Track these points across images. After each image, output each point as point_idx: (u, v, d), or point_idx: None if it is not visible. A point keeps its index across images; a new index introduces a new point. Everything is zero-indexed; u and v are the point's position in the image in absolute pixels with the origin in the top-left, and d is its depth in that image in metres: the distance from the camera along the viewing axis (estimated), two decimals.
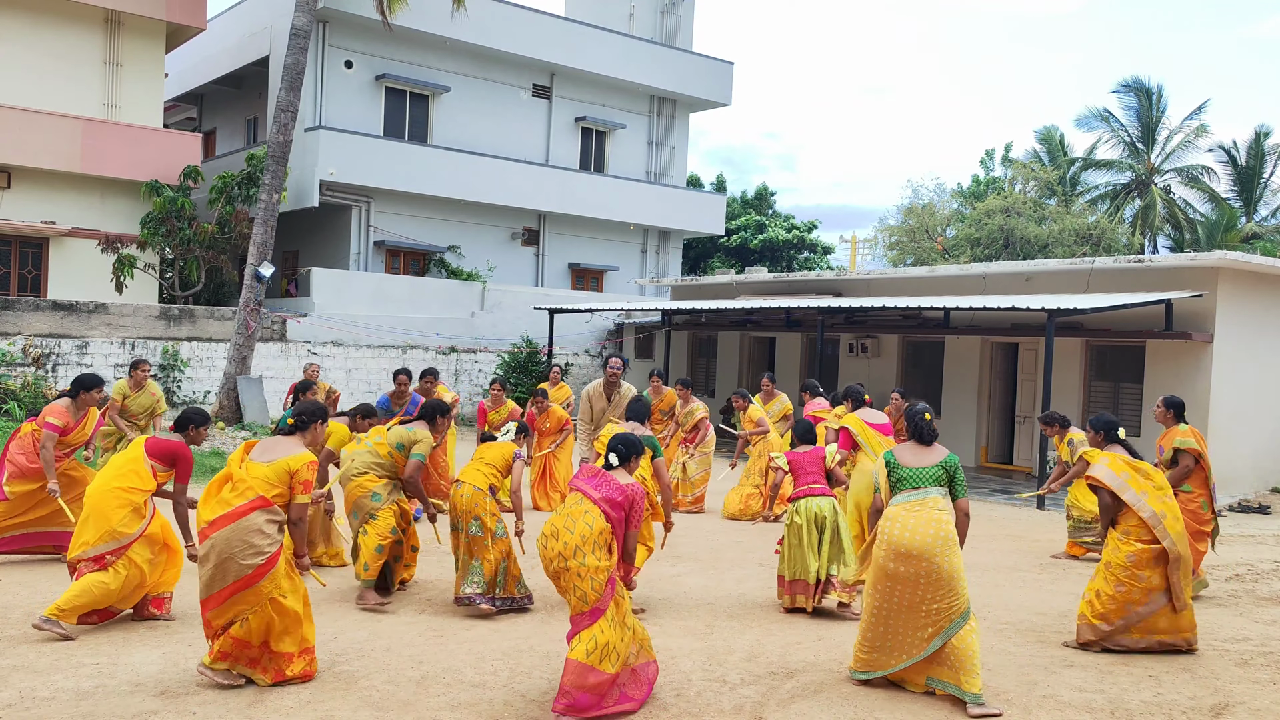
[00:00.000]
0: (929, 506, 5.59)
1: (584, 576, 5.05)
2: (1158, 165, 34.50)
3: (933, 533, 5.49)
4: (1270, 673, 6.26)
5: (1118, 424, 6.91)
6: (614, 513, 5.22)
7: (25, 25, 19.70)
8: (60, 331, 17.44)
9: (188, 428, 6.47)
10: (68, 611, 5.94)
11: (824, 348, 16.82)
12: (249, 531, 5.20)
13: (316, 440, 5.79)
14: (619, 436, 5.53)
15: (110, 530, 6.08)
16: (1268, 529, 12.12)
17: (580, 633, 5.05)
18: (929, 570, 5.45)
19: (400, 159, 22.90)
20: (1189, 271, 14.48)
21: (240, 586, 5.16)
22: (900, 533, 5.52)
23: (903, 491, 5.70)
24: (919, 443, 5.83)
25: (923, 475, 5.68)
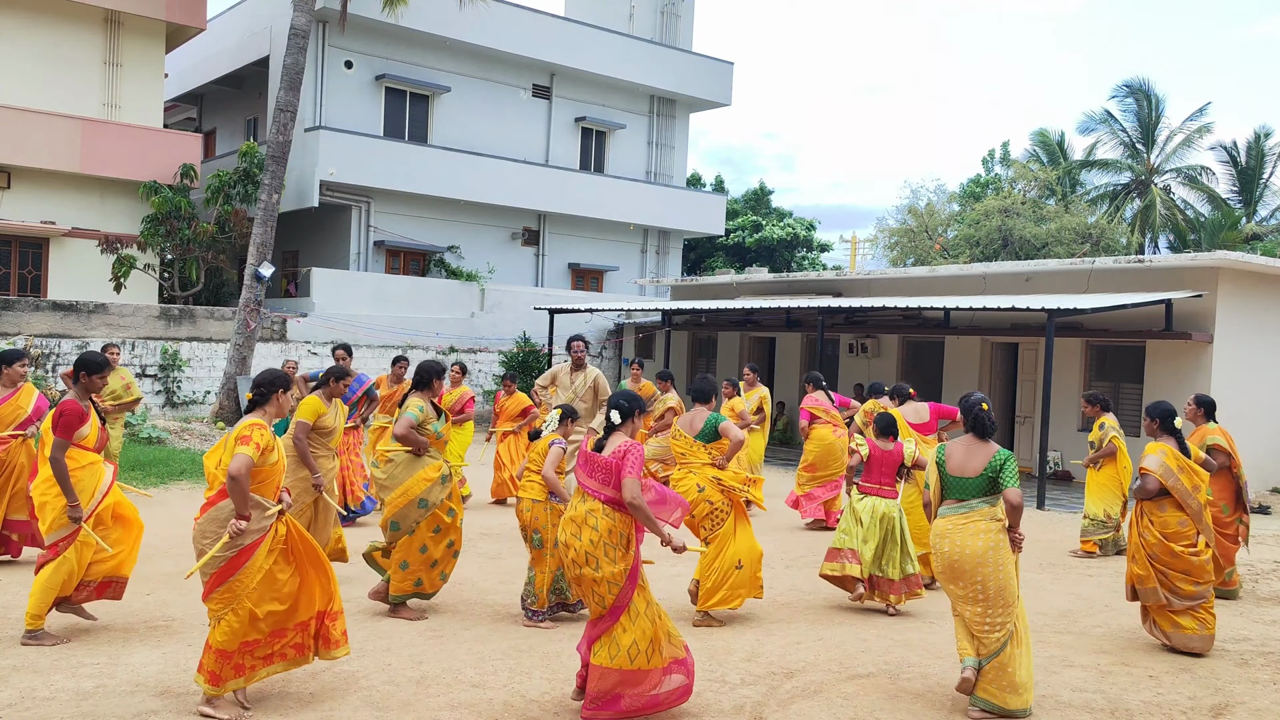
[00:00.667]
0: (974, 519, 5.44)
1: (599, 582, 5.00)
2: (1157, 166, 34.51)
3: (982, 543, 5.36)
4: (1270, 673, 6.27)
5: (1174, 413, 6.86)
6: (612, 490, 5.05)
7: (25, 25, 19.70)
8: (60, 332, 17.44)
9: (78, 376, 6.18)
10: (41, 615, 5.89)
11: (824, 348, 16.82)
12: (216, 522, 4.97)
13: (281, 409, 5.33)
14: (621, 392, 5.39)
15: (55, 519, 5.99)
16: (1268, 529, 12.13)
17: (600, 637, 5.00)
18: (980, 585, 5.34)
19: (400, 159, 22.90)
20: (1189, 271, 14.48)
21: (216, 581, 4.91)
22: (950, 549, 5.44)
23: (949, 501, 5.58)
24: (976, 436, 5.59)
25: (967, 486, 5.49)
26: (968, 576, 5.37)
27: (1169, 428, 6.78)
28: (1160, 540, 6.56)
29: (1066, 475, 15.54)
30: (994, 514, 5.44)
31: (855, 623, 7.14)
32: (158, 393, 18.19)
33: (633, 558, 5.10)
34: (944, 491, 5.61)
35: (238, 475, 4.86)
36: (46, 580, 5.93)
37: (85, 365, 6.24)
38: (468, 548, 9.09)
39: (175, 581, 7.49)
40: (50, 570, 5.93)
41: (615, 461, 5.07)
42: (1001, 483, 5.40)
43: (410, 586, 6.77)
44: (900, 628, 7.04)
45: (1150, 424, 6.86)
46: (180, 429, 15.61)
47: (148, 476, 12.14)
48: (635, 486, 4.98)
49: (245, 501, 4.92)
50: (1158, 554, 6.58)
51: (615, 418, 5.26)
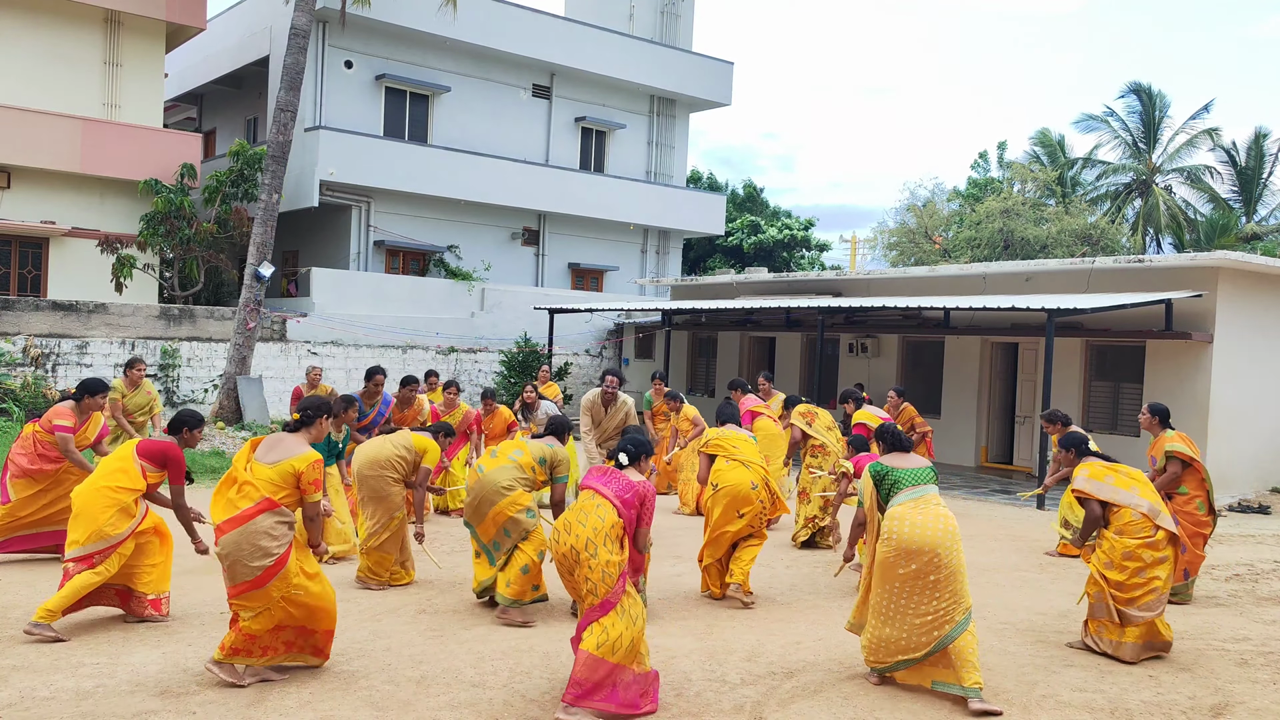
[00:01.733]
0: (931, 503, 5.67)
1: (595, 569, 5.12)
2: (1159, 165, 34.52)
3: (941, 528, 5.53)
4: (1270, 673, 6.26)
5: (1085, 439, 7.00)
6: (626, 510, 5.32)
7: (25, 25, 19.70)
8: (60, 331, 17.44)
9: (181, 430, 6.44)
10: (55, 611, 5.96)
11: (824, 348, 16.82)
12: (256, 534, 5.21)
13: (321, 435, 5.75)
14: (629, 436, 5.65)
15: (97, 530, 6.09)
16: (1268, 529, 12.11)
17: (590, 625, 5.09)
18: (937, 567, 5.47)
19: (400, 159, 22.90)
20: (1189, 271, 14.48)
21: (249, 587, 5.20)
22: (910, 530, 5.52)
23: (902, 491, 5.75)
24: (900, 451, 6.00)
25: (919, 474, 5.80)
26: (924, 556, 5.47)
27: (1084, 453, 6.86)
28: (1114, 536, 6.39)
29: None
30: (943, 502, 5.74)
31: None
32: (158, 392, 18.16)
33: (626, 557, 5.29)
34: (895, 488, 5.77)
35: (315, 518, 5.51)
36: (80, 586, 6.03)
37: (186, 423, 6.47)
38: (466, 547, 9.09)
39: (176, 581, 7.46)
40: (87, 576, 6.05)
41: (639, 494, 5.40)
42: None
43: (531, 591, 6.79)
44: None
45: (1065, 455, 7.00)
46: None
47: None
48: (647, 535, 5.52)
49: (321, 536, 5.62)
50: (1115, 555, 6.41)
51: (623, 460, 5.54)
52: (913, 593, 5.53)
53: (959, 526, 5.68)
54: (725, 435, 7.76)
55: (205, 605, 6.72)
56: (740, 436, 7.76)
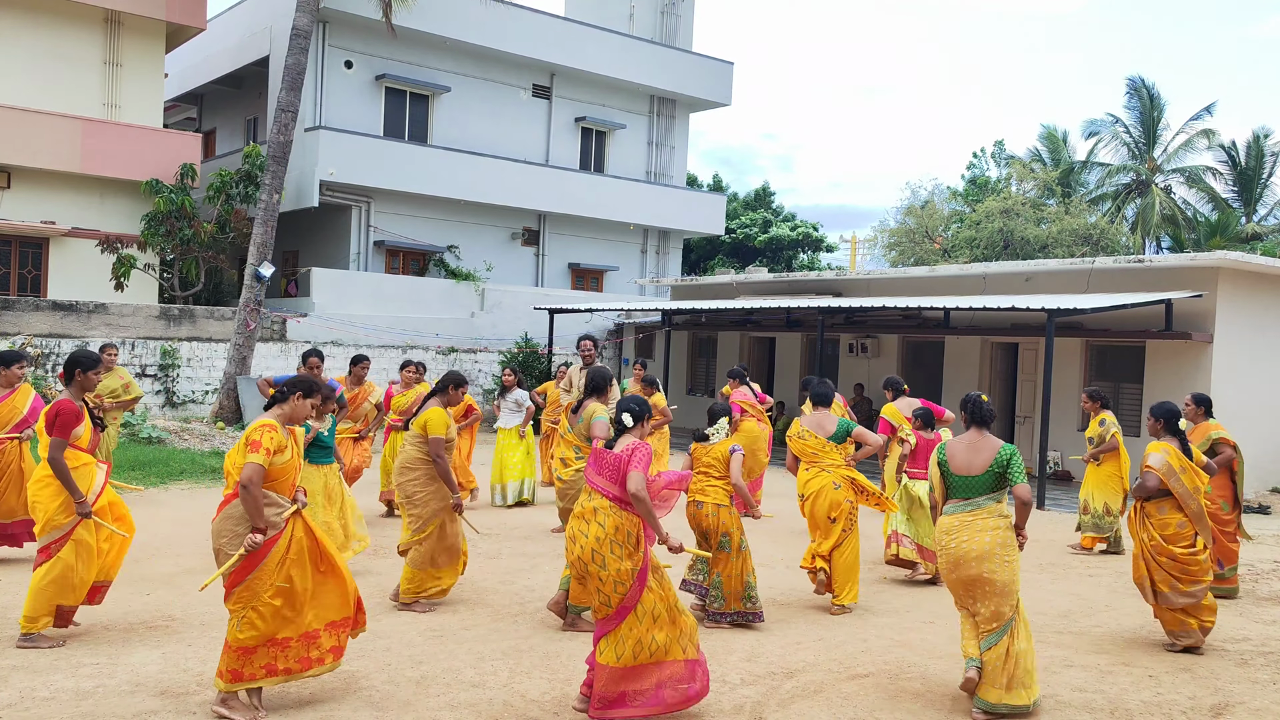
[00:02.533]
0: (981, 516, 5.43)
1: (606, 580, 5.01)
2: (1159, 165, 34.53)
3: (989, 539, 5.37)
4: (1270, 673, 6.27)
5: (1178, 414, 6.87)
6: (620, 493, 5.11)
7: (25, 25, 19.70)
8: (60, 331, 17.44)
9: (73, 374, 6.11)
10: (36, 618, 5.82)
11: (824, 348, 16.81)
12: (234, 520, 4.98)
13: (296, 413, 5.28)
14: (630, 397, 5.51)
15: (47, 521, 5.92)
16: (1268, 529, 12.13)
17: (604, 636, 5.01)
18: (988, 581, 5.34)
19: (400, 159, 22.90)
20: (1189, 271, 14.48)
21: (234, 581, 4.93)
22: (957, 546, 5.42)
23: (954, 500, 5.55)
24: (976, 428, 5.60)
25: (972, 485, 5.48)
26: (974, 573, 5.36)
27: (1173, 428, 6.79)
28: (1160, 543, 6.57)
29: (1066, 475, 15.54)
30: (1000, 510, 5.46)
31: (855, 623, 7.14)
32: (157, 392, 18.19)
33: (641, 558, 5.10)
34: (948, 491, 5.59)
35: (249, 484, 4.86)
36: (41, 581, 5.86)
37: (79, 362, 6.17)
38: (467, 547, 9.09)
39: (175, 581, 7.49)
40: (44, 571, 5.87)
41: (624, 457, 5.14)
42: (1010, 478, 5.42)
43: None
44: (900, 628, 7.04)
45: (1154, 424, 6.87)
46: (180, 429, 15.60)
47: (147, 476, 12.14)
48: (639, 479, 5.05)
49: (259, 512, 4.91)
50: (1156, 556, 6.59)
51: (627, 420, 5.38)
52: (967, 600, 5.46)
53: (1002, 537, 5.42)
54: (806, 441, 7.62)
55: (205, 605, 6.72)
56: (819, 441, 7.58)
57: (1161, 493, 6.59)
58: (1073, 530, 11.34)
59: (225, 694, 4.92)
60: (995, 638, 5.32)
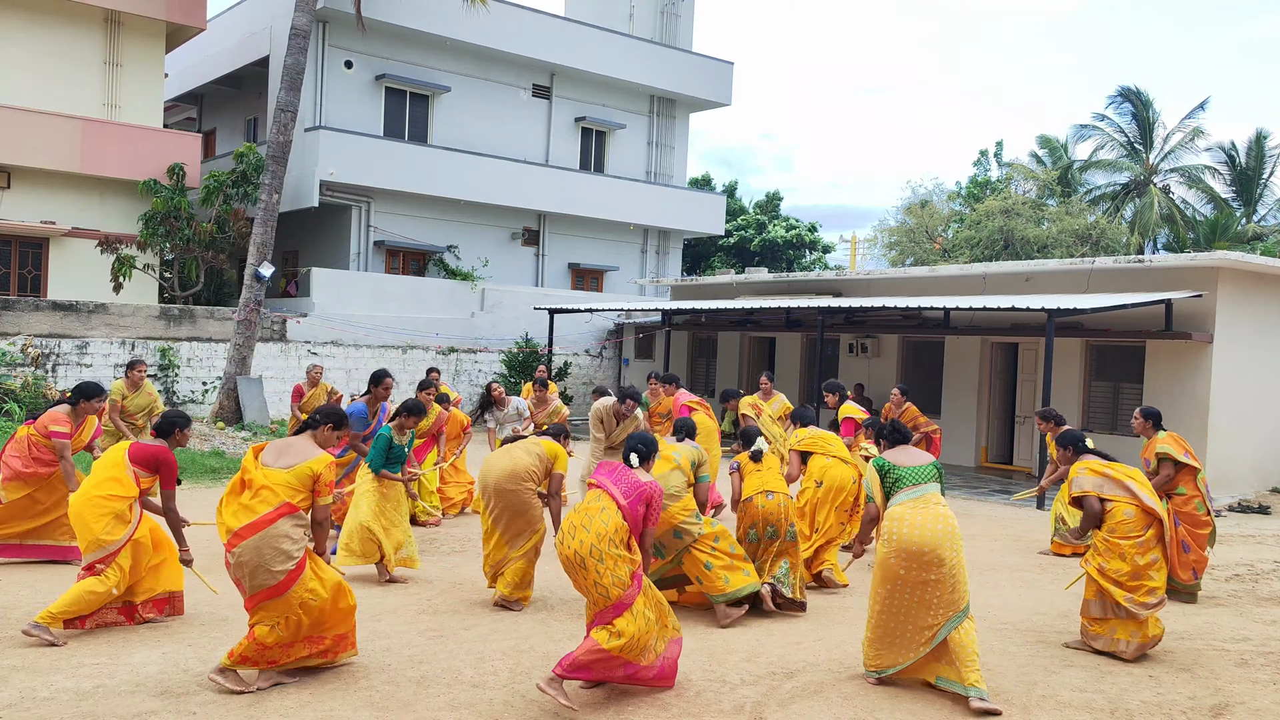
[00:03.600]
0: (931, 502, 5.66)
1: (604, 575, 5.11)
2: (1156, 165, 34.54)
3: (940, 528, 5.53)
4: (1270, 673, 6.26)
5: (1083, 437, 7.01)
6: (632, 510, 5.33)
7: (25, 25, 19.70)
8: (60, 331, 17.44)
9: (172, 431, 6.39)
10: (59, 617, 5.92)
11: (824, 348, 16.82)
12: (278, 538, 5.19)
13: (325, 442, 5.71)
14: (638, 435, 5.73)
15: (94, 539, 6.06)
16: (1268, 529, 12.12)
17: (605, 624, 5.11)
18: (937, 566, 5.46)
19: (400, 159, 22.90)
20: (1189, 271, 14.48)
21: (269, 594, 5.18)
22: (909, 531, 5.52)
23: (903, 490, 5.74)
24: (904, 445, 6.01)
25: (921, 473, 5.79)
26: (926, 557, 5.47)
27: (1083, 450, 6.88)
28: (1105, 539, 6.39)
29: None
30: (945, 501, 5.75)
31: (855, 623, 7.13)
32: (158, 392, 18.16)
33: (638, 560, 5.30)
34: (896, 486, 5.79)
35: (324, 522, 5.49)
36: (83, 592, 5.98)
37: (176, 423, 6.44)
38: (467, 548, 9.10)
39: None
40: (94, 582, 6.02)
41: (645, 495, 5.43)
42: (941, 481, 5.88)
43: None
44: None
45: (1065, 454, 7.01)
46: None
47: None
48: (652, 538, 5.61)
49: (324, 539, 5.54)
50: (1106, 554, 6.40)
51: (634, 460, 5.67)
52: (912, 593, 5.53)
53: (960, 526, 5.68)
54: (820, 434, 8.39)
55: (205, 605, 6.72)
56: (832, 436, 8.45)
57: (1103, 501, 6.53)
58: None
59: (225, 668, 5.22)
60: (957, 619, 5.48)
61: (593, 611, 5.24)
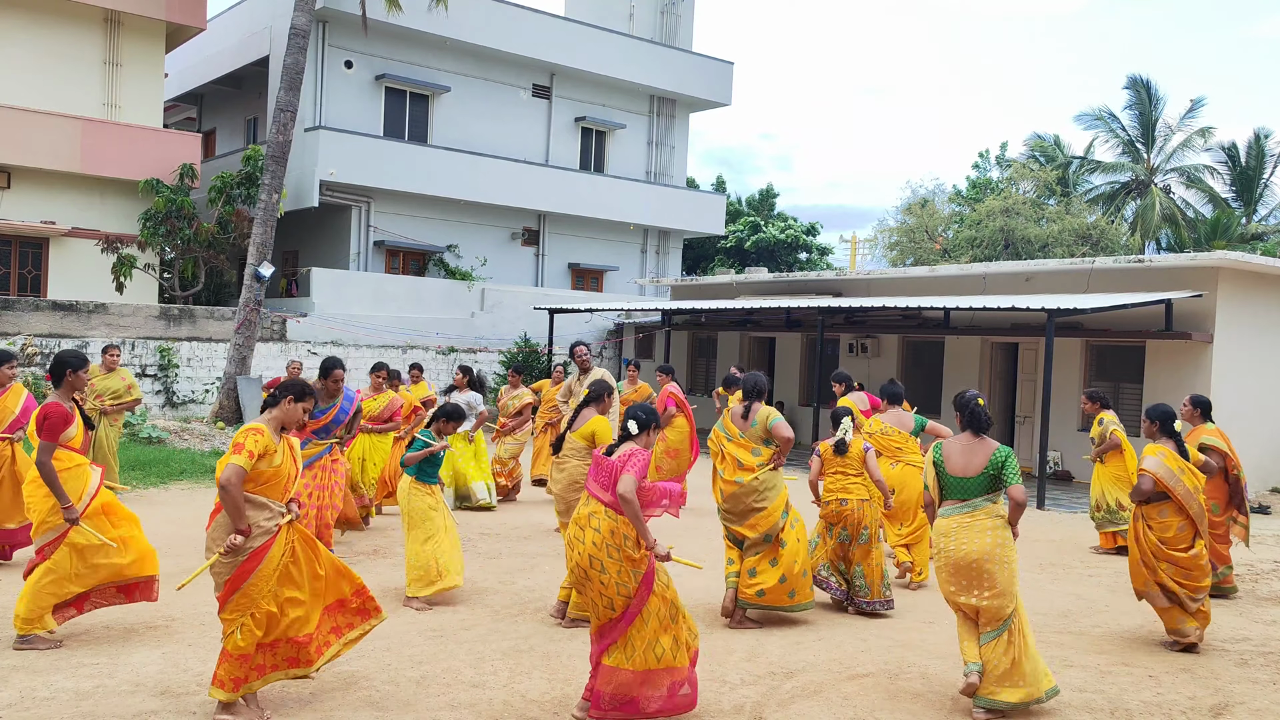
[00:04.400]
0: (979, 518, 5.44)
1: (608, 584, 4.96)
2: (1157, 165, 34.52)
3: (989, 540, 5.39)
4: (1270, 673, 6.26)
5: (1174, 415, 6.87)
6: (611, 495, 5.06)
7: (25, 25, 19.70)
8: (60, 331, 17.44)
9: (63, 373, 6.04)
10: (33, 620, 5.77)
11: (824, 348, 16.81)
12: (224, 528, 4.91)
13: (289, 416, 5.18)
14: (638, 405, 5.49)
15: (41, 522, 5.88)
16: (1268, 529, 12.13)
17: (613, 645, 4.96)
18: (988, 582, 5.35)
19: (400, 159, 22.90)
20: (1189, 271, 14.48)
21: (229, 589, 4.88)
22: (956, 547, 5.44)
23: (950, 501, 5.57)
24: (973, 433, 5.62)
25: (968, 486, 5.50)
26: (974, 574, 5.37)
27: (1168, 430, 6.78)
28: (1160, 547, 6.57)
29: (1066, 475, 15.54)
30: (997, 511, 5.47)
31: (855, 623, 7.14)
32: (157, 392, 18.19)
33: (646, 562, 5.04)
34: (944, 492, 5.61)
35: (227, 484, 4.80)
36: (36, 584, 5.81)
37: (67, 362, 6.09)
38: (467, 547, 9.09)
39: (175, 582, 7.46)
40: (40, 573, 5.82)
41: (618, 463, 5.11)
42: (1005, 480, 5.43)
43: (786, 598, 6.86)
44: (900, 628, 7.04)
45: (1149, 426, 6.86)
46: (180, 429, 15.61)
47: (147, 476, 12.15)
48: (630, 482, 4.98)
49: (240, 513, 4.83)
50: (1158, 559, 6.58)
51: (632, 428, 5.30)
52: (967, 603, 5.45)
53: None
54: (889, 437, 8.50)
55: (205, 605, 6.71)
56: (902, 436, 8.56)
57: (1159, 495, 6.58)
58: (1072, 530, 11.36)
59: (227, 702, 4.86)
60: (994, 634, 5.34)
61: (597, 625, 5.06)
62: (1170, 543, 6.56)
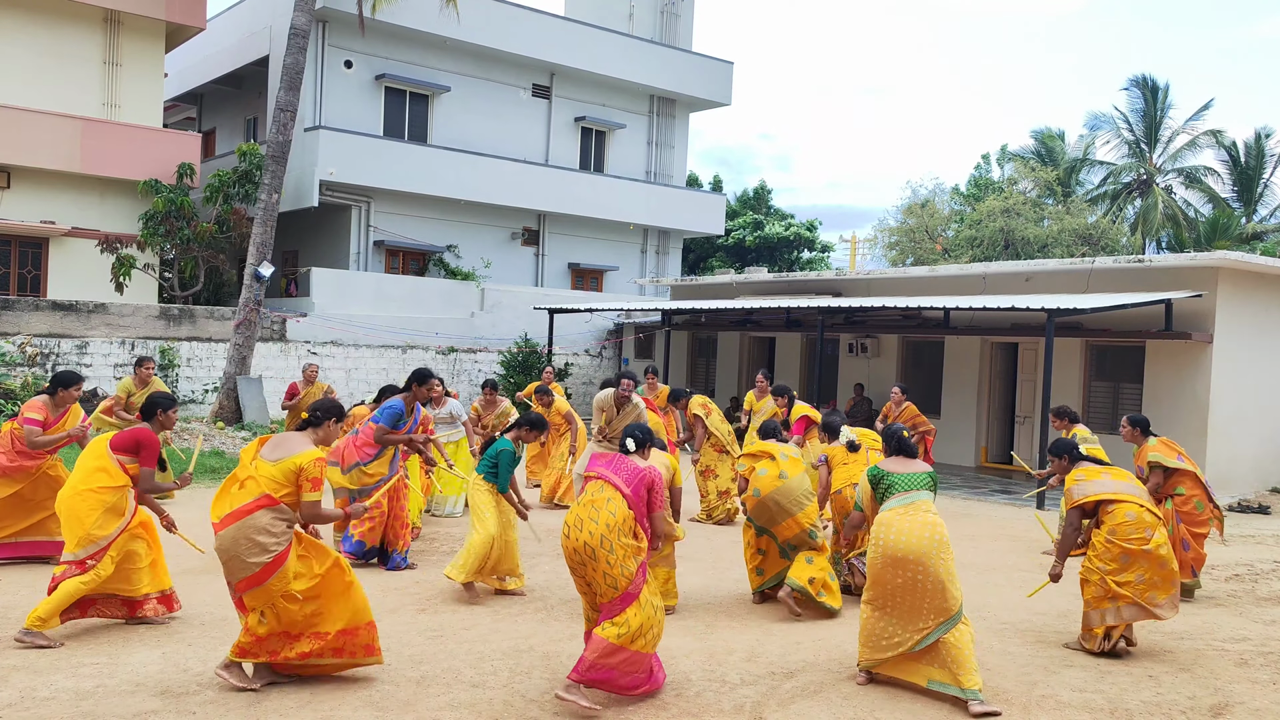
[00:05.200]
0: (920, 510, 5.69)
1: (614, 565, 5.18)
2: (1160, 165, 34.52)
3: (927, 535, 5.55)
4: (1270, 673, 6.26)
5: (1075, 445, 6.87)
6: (635, 497, 5.38)
7: (25, 25, 19.70)
8: (60, 331, 17.44)
9: (154, 413, 6.38)
10: (46, 619, 5.83)
11: (824, 348, 16.81)
12: (253, 530, 5.14)
13: (328, 437, 5.64)
14: (635, 425, 5.82)
15: (85, 534, 5.97)
16: (1268, 529, 12.12)
17: (612, 617, 5.16)
18: (923, 574, 5.50)
19: (400, 159, 22.90)
20: (1189, 271, 14.48)
21: (248, 585, 5.17)
22: (895, 538, 5.57)
23: (894, 497, 5.80)
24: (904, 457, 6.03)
25: (914, 480, 5.85)
26: (911, 565, 5.50)
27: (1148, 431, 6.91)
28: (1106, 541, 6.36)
29: None
30: (935, 509, 5.76)
31: (855, 623, 7.13)
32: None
33: (645, 549, 5.37)
34: (888, 492, 5.84)
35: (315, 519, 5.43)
36: (69, 591, 5.91)
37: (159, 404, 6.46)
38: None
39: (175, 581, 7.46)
40: (75, 583, 5.92)
41: (648, 477, 5.48)
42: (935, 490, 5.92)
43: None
44: None
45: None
46: (180, 429, 15.60)
47: None
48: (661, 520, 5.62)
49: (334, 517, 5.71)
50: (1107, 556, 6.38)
51: (630, 446, 5.67)
52: (900, 598, 5.58)
53: (949, 532, 5.69)
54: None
55: (205, 605, 6.72)
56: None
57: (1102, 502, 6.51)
58: None
59: (230, 662, 5.22)
60: (948, 626, 5.49)
61: (593, 609, 5.28)
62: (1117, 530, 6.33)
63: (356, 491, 7.96)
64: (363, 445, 8.10)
